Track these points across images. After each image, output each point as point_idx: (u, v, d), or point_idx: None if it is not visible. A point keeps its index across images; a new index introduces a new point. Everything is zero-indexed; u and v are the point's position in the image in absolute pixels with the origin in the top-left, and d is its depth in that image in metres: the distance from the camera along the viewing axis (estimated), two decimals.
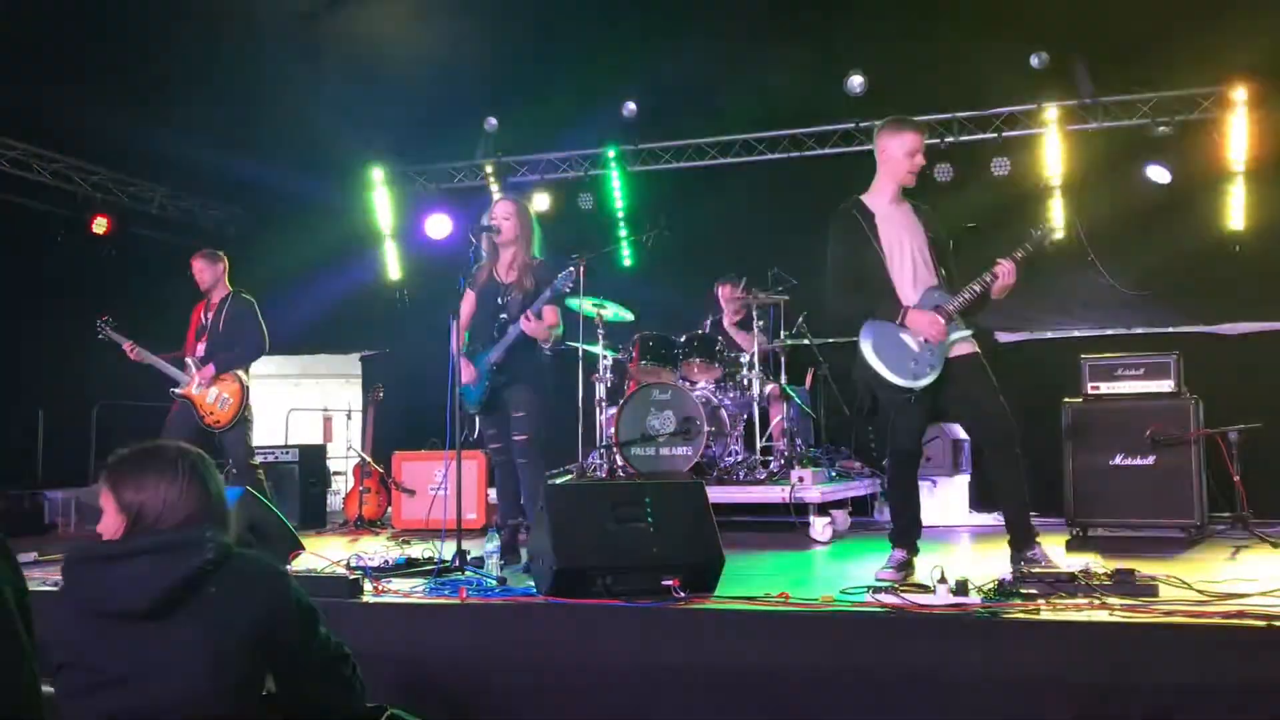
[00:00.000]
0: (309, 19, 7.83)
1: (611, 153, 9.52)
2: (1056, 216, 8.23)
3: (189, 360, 6.86)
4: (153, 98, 8.36)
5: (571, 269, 5.51)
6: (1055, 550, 4.99)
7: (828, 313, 6.04)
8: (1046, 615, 3.54)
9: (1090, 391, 6.23)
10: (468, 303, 5.64)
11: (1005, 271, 4.65)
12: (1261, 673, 3.16)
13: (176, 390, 6.84)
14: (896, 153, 4.78)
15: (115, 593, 2.24)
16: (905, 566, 4.70)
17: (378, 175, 10.14)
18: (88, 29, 7.68)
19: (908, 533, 4.83)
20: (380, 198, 10.19)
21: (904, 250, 4.76)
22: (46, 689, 2.21)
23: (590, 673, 3.77)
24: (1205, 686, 3.19)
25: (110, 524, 2.40)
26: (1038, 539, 4.66)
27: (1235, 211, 7.99)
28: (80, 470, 9.50)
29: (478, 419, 5.75)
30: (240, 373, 6.81)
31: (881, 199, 4.85)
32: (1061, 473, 6.05)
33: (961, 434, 7.67)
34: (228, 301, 6.93)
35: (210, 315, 6.94)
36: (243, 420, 6.74)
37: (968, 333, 4.73)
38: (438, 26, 8.09)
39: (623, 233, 9.59)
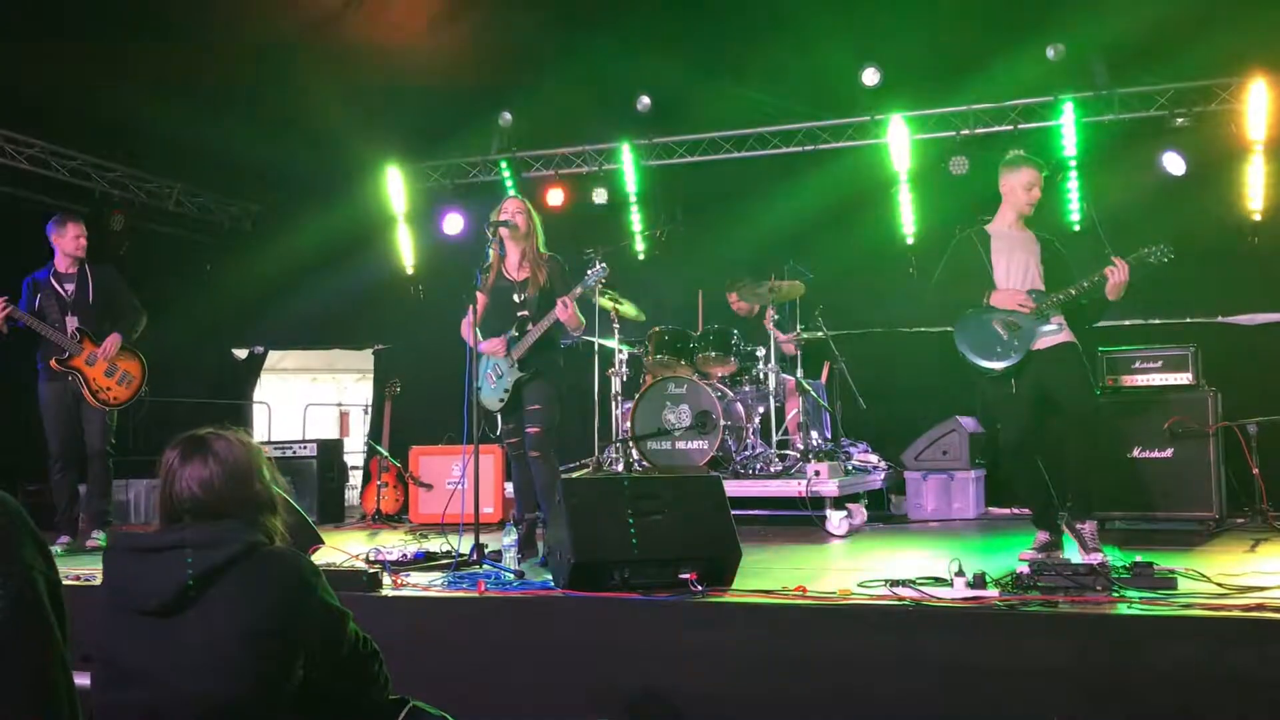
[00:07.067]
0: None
1: (625, 146, 9.52)
2: (1072, 207, 8.23)
3: (71, 330, 6.35)
4: (170, 94, 8.38)
5: (603, 264, 5.53)
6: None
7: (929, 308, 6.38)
8: (1064, 608, 3.54)
9: (1108, 384, 6.21)
10: (479, 304, 5.63)
11: (1118, 270, 4.87)
12: None
13: (63, 359, 6.31)
14: (1015, 185, 5.17)
15: (136, 588, 2.26)
16: (1049, 546, 4.97)
17: (392, 170, 10.16)
18: (105, 25, 7.71)
19: (1045, 514, 5.09)
20: (395, 193, 10.21)
21: (1013, 260, 5.13)
22: (83, 681, 2.20)
23: (608, 665, 3.79)
24: (1224, 679, 3.18)
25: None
26: (1092, 516, 4.93)
27: (1252, 202, 7.95)
28: None
29: (499, 416, 5.77)
30: (137, 350, 6.53)
31: (1002, 224, 5.24)
32: None
33: (976, 427, 7.65)
34: (89, 271, 6.51)
35: (71, 287, 6.44)
36: (138, 403, 6.51)
37: (1055, 328, 4.99)
38: (452, 21, 8.10)
39: (636, 227, 9.59)
